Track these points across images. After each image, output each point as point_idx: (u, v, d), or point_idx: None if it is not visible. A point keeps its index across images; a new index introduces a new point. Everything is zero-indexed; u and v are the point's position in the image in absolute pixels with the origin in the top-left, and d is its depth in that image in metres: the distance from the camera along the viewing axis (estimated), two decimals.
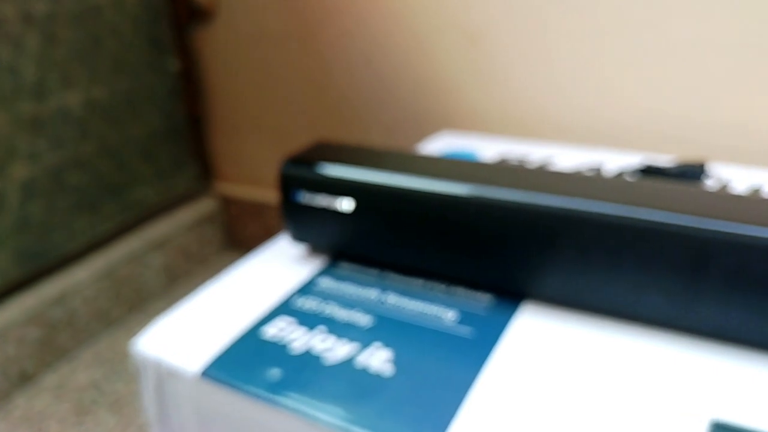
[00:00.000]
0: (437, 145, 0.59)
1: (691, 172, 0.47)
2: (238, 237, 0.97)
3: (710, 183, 0.46)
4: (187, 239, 0.90)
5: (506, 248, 0.34)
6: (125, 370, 0.72)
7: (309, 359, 0.32)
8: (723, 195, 0.32)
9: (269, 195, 0.90)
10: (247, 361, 0.32)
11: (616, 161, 0.52)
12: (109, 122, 0.77)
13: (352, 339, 0.33)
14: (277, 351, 0.33)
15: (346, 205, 0.37)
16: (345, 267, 0.40)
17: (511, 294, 0.36)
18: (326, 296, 0.37)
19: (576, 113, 0.64)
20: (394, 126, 0.74)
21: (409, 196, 0.35)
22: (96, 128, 0.75)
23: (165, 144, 0.86)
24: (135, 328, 0.79)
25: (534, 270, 0.34)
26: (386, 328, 0.34)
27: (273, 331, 0.34)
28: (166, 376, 0.34)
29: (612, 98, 0.62)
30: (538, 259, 0.33)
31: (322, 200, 0.38)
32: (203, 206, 0.93)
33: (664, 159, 0.53)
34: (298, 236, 0.40)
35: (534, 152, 0.55)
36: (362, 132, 0.77)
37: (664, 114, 0.60)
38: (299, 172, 0.39)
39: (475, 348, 0.32)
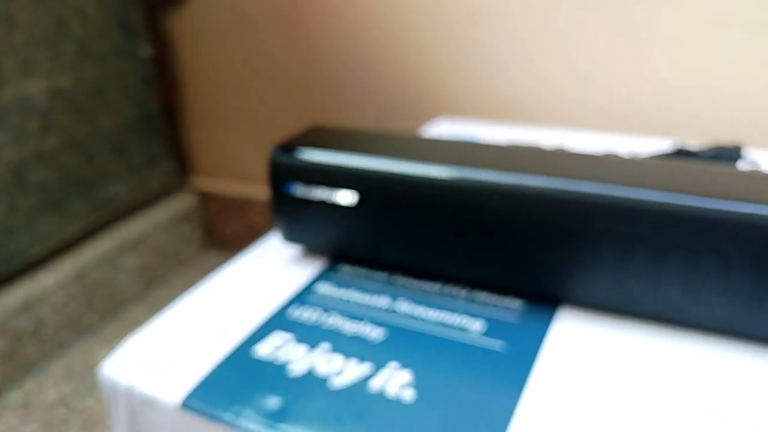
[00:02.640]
0: (435, 132, 0.54)
1: (727, 156, 0.42)
2: (219, 235, 0.91)
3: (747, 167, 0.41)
4: (163, 239, 0.85)
5: (541, 245, 0.28)
6: (98, 384, 0.66)
7: (312, 383, 0.27)
8: None
9: (252, 190, 0.85)
10: (237, 387, 0.27)
11: (633, 146, 0.47)
12: (75, 113, 0.71)
13: (362, 358, 0.28)
14: (273, 373, 0.27)
15: (347, 197, 0.32)
16: (346, 270, 0.35)
17: (544, 299, 0.31)
18: (327, 306, 0.32)
19: (586, 96, 0.59)
20: (386, 113, 0.69)
21: (424, 186, 0.30)
22: (61, 120, 0.69)
23: (137, 136, 0.81)
24: (109, 336, 0.74)
25: (572, 270, 0.29)
26: (401, 344, 0.29)
27: (267, 349, 0.29)
28: (139, 405, 0.28)
29: (623, 80, 0.57)
30: (578, 257, 0.28)
31: (319, 193, 0.33)
32: (180, 203, 0.88)
33: (693, 143, 0.49)
34: (292, 236, 0.35)
35: (542, 138, 0.50)
36: (352, 120, 0.72)
37: (677, 96, 0.56)
38: (292, 161, 0.33)
39: (510, 365, 0.27)
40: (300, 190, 0.33)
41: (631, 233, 0.27)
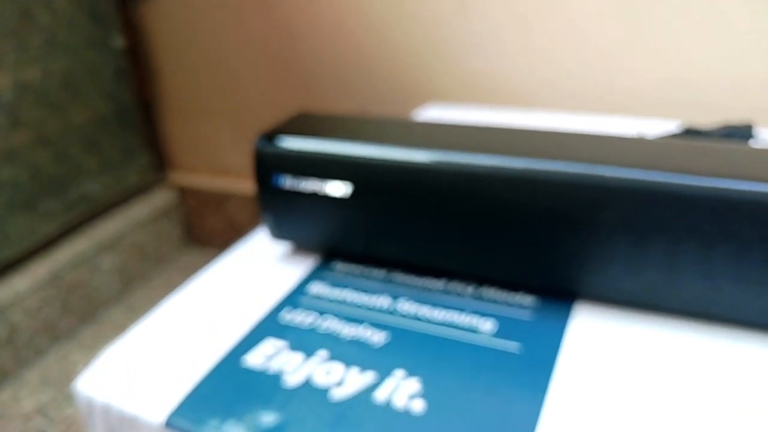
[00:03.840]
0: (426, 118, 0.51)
1: (739, 134, 0.40)
2: (199, 232, 0.88)
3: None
4: (141, 237, 0.82)
5: (555, 236, 0.26)
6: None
7: (310, 395, 0.24)
8: None
9: (232, 184, 0.82)
10: (227, 402, 0.24)
11: (635, 128, 0.45)
12: (44, 107, 0.68)
13: (364, 366, 0.25)
14: (267, 386, 0.25)
15: (340, 189, 0.29)
16: (340, 268, 0.32)
17: (558, 294, 0.28)
18: (322, 308, 0.29)
19: (577, 80, 0.57)
20: (372, 100, 0.66)
21: (425, 174, 0.27)
22: (29, 114, 0.66)
23: (112, 131, 0.78)
24: (87, 341, 0.70)
25: (588, 262, 0.26)
26: (406, 348, 0.26)
27: (258, 358, 0.26)
28: (118, 424, 0.25)
29: (619, 62, 0.55)
30: (594, 247, 0.26)
31: (309, 185, 0.30)
32: (158, 199, 0.85)
33: (703, 123, 0.46)
34: (280, 232, 0.32)
35: (537, 122, 0.48)
36: (336, 109, 0.69)
37: (669, 79, 0.53)
38: (279, 151, 0.30)
39: (529, 368, 0.25)
40: (288, 183, 0.30)
41: (649, 219, 0.24)
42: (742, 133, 0.40)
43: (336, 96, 0.69)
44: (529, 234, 0.26)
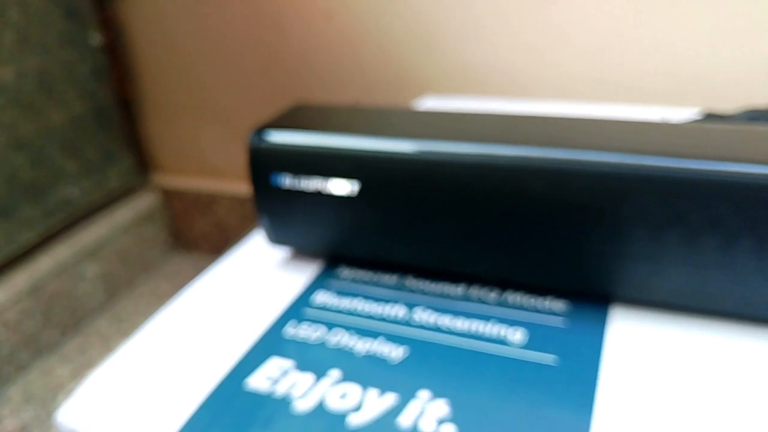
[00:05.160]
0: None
1: (765, 118, 0.37)
2: (185, 236, 0.85)
3: None
4: (125, 242, 0.78)
5: (590, 233, 0.23)
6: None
7: (325, 423, 0.21)
8: None
9: (219, 185, 0.79)
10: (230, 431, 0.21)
11: (649, 115, 0.42)
12: (19, 109, 0.64)
13: (383, 387, 0.22)
14: (274, 413, 0.22)
15: (346, 187, 0.26)
16: (346, 275, 0.29)
17: (591, 297, 0.26)
18: (329, 320, 0.26)
19: (578, 67, 0.54)
20: (365, 94, 0.63)
21: (442, 168, 0.24)
22: (3, 117, 0.63)
23: (91, 132, 0.74)
24: (71, 354, 0.67)
25: (626, 260, 0.23)
26: (429, 364, 0.23)
27: (263, 381, 0.23)
28: None
29: (621, 47, 0.52)
30: (633, 244, 0.23)
31: (311, 183, 0.27)
32: (141, 203, 0.82)
33: (721, 108, 0.44)
34: (278, 237, 0.29)
35: (541, 112, 0.45)
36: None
37: (665, 68, 0.51)
38: (277, 146, 0.27)
39: (569, 383, 0.22)
40: (287, 182, 0.27)
41: (699, 211, 0.22)
42: (767, 116, 0.37)
43: (327, 90, 0.66)
44: (562, 232, 0.24)
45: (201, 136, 0.78)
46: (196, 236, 0.85)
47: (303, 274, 0.29)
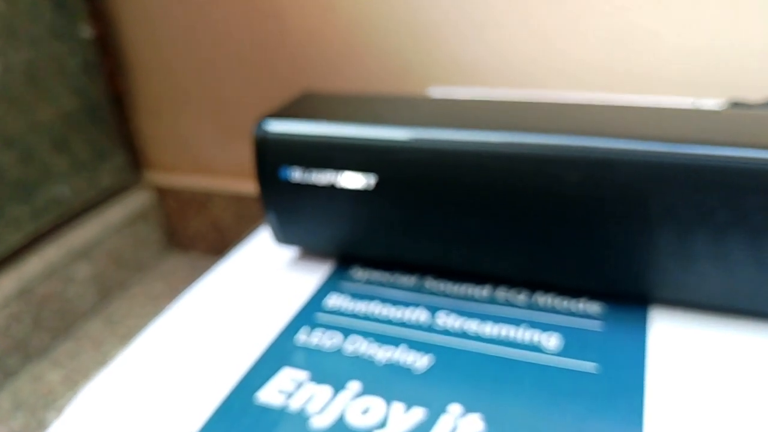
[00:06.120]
0: None
1: None
2: (180, 235, 0.83)
3: None
4: (118, 243, 0.76)
5: (628, 227, 0.21)
6: (54, 416, 0.57)
7: None
8: None
9: (215, 182, 0.77)
10: None
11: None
12: (6, 105, 0.62)
13: (409, 401, 0.20)
14: (289, 429, 0.19)
15: (361, 180, 0.24)
16: (360, 276, 0.27)
17: (627, 298, 0.24)
18: (344, 326, 0.24)
19: (586, 58, 0.52)
20: (368, 88, 0.61)
21: (471, 159, 0.22)
22: None
23: (81, 129, 0.72)
24: (62, 359, 0.65)
25: (666, 258, 0.22)
26: (457, 374, 0.21)
27: (275, 395, 0.21)
28: None
29: (627, 40, 0.50)
30: (673, 240, 0.21)
31: (323, 177, 0.25)
32: (134, 202, 0.80)
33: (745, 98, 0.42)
34: (286, 235, 0.27)
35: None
36: None
37: (695, 56, 0.49)
38: (286, 137, 0.25)
39: (614, 393, 0.20)
40: (297, 175, 0.25)
41: (744, 204, 0.20)
42: None
43: (327, 84, 0.64)
44: (598, 227, 0.22)
45: (196, 132, 0.76)
46: (192, 236, 0.83)
47: (313, 276, 0.27)
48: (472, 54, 0.56)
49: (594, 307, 0.24)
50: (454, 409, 0.20)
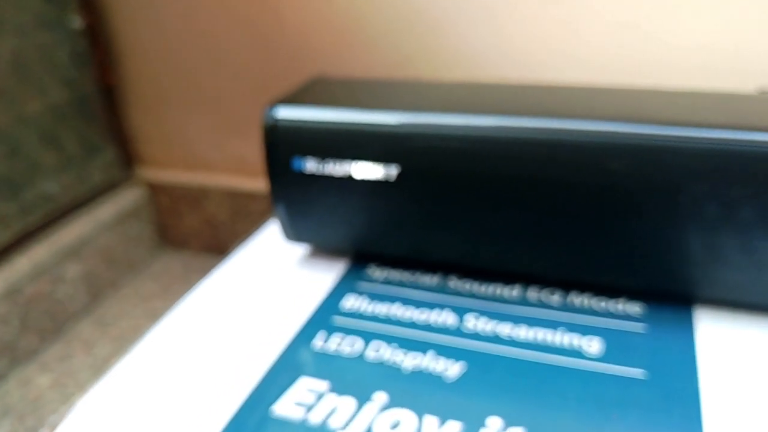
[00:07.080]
0: None
1: None
2: (173, 233, 0.81)
3: None
4: (108, 241, 0.74)
5: (673, 220, 0.20)
6: (42, 423, 0.55)
7: None
8: None
9: (208, 178, 0.75)
10: None
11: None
12: None
13: (444, 415, 0.18)
14: None
15: (381, 172, 0.22)
16: (378, 275, 0.25)
17: (670, 297, 0.22)
18: (364, 330, 0.22)
19: (601, 45, 0.50)
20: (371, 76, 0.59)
21: (504, 147, 0.21)
22: None
23: (71, 123, 0.70)
24: (51, 362, 0.63)
25: (714, 254, 0.20)
26: (493, 383, 0.19)
27: (292, 408, 0.19)
28: None
29: (632, 26, 0.49)
30: (722, 234, 0.19)
31: (339, 167, 0.23)
32: (126, 198, 0.78)
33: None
34: (297, 232, 0.25)
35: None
36: None
37: (706, 43, 0.48)
38: (299, 125, 0.23)
39: (667, 402, 0.18)
40: (311, 166, 0.23)
41: None
42: None
43: (327, 72, 0.62)
44: (641, 221, 0.20)
45: (189, 127, 0.74)
46: (185, 233, 0.81)
47: (327, 276, 0.25)
48: (477, 44, 0.54)
49: (634, 307, 0.22)
50: (494, 422, 0.18)
